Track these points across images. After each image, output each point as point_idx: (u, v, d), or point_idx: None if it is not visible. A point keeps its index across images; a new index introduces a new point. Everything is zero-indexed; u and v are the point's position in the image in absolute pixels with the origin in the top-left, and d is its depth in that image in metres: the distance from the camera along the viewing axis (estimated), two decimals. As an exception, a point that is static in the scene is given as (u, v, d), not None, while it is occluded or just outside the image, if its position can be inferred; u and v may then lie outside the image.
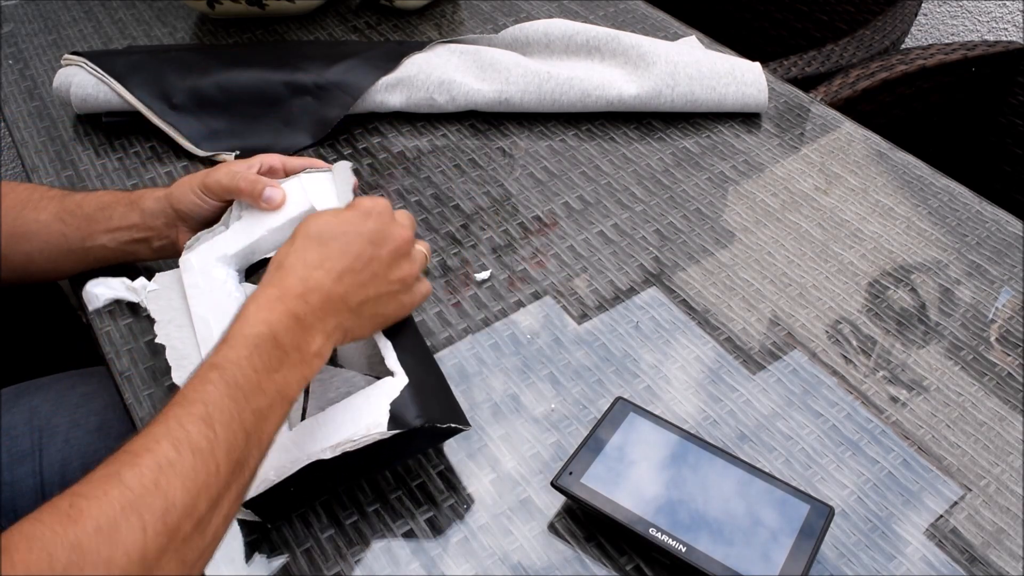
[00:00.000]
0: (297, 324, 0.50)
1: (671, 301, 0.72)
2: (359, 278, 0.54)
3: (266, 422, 0.48)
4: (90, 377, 0.84)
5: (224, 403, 0.46)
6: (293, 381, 0.50)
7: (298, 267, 0.52)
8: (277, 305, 0.50)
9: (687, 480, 0.56)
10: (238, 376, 0.47)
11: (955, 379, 0.66)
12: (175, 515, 0.41)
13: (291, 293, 0.51)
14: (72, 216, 0.68)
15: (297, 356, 0.50)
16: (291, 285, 0.51)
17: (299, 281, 0.51)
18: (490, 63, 0.89)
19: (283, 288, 0.51)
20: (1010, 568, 0.55)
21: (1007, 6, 1.51)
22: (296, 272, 0.52)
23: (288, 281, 0.51)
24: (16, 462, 0.76)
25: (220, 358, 0.48)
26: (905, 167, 0.85)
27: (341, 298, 0.53)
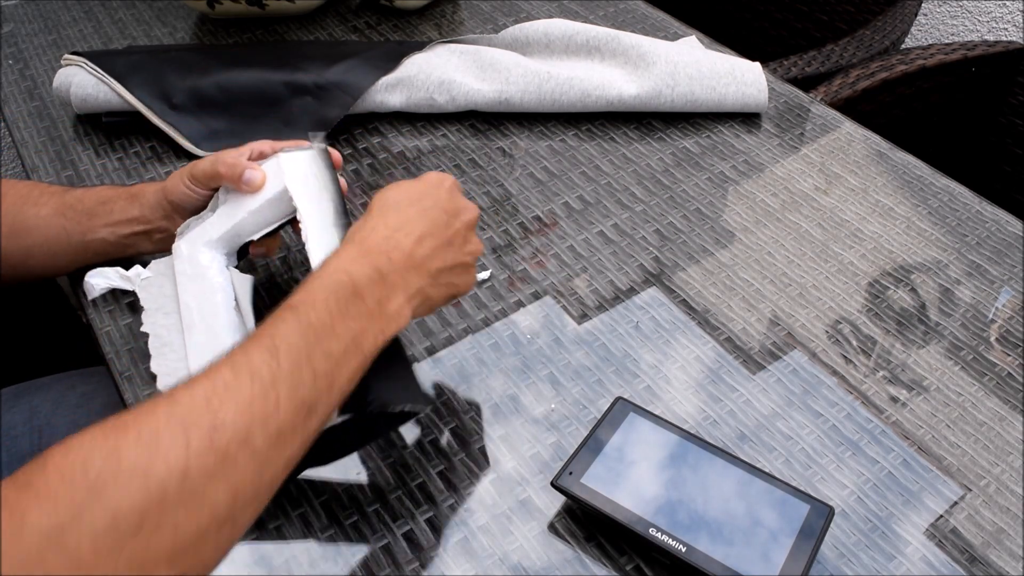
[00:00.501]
0: (380, 278, 0.50)
1: (671, 301, 0.72)
2: (438, 242, 0.54)
3: (338, 367, 0.46)
4: (90, 377, 0.84)
5: (294, 339, 0.44)
6: (370, 333, 0.48)
7: (380, 228, 0.52)
8: (360, 259, 0.50)
9: (687, 480, 0.56)
10: (311, 316, 0.46)
11: (955, 379, 0.66)
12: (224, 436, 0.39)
13: (375, 250, 0.51)
14: (72, 211, 0.68)
15: (376, 308, 0.49)
16: (374, 243, 0.51)
17: (382, 240, 0.52)
18: (490, 63, 0.89)
19: (366, 246, 0.51)
20: (1010, 568, 0.55)
21: (1007, 6, 1.51)
22: (378, 232, 0.52)
23: (371, 240, 0.51)
24: (16, 462, 0.76)
25: (296, 300, 0.47)
26: (905, 167, 0.85)
27: (422, 261, 0.53)
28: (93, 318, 0.70)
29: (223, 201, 0.65)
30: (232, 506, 0.39)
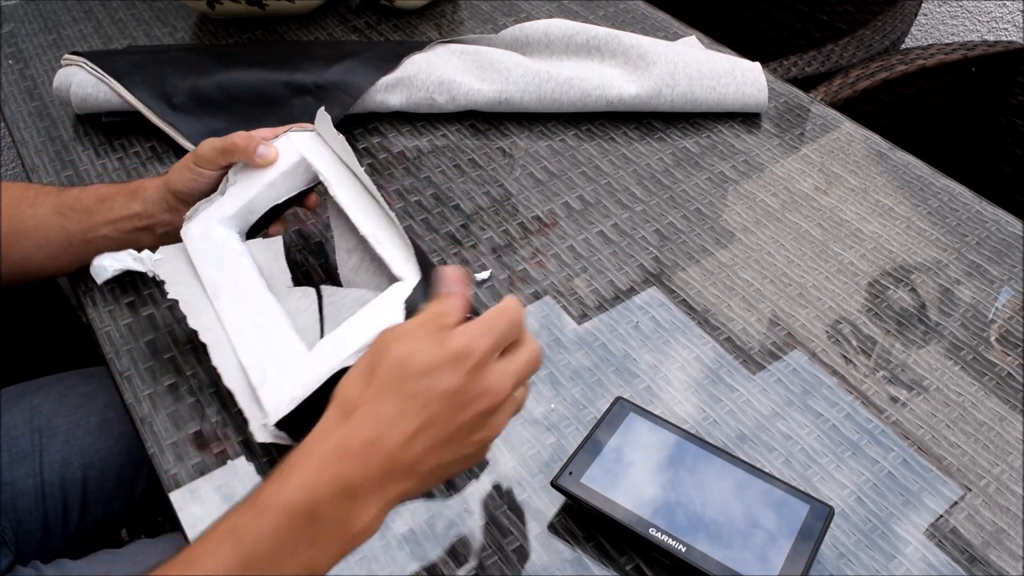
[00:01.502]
0: (346, 495, 0.42)
1: (671, 301, 0.72)
2: (436, 440, 0.44)
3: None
4: (90, 377, 0.84)
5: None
6: (325, 559, 0.43)
7: (366, 423, 0.43)
8: (327, 466, 0.42)
9: (687, 480, 0.56)
10: (252, 552, 0.41)
11: (955, 379, 0.66)
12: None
13: (349, 454, 0.42)
14: (71, 210, 0.68)
15: (336, 533, 0.42)
16: (352, 444, 0.43)
17: (363, 443, 0.43)
18: (490, 63, 0.89)
19: (342, 445, 0.43)
20: (1010, 568, 0.55)
21: (1007, 6, 1.51)
22: (363, 430, 0.43)
23: (351, 438, 0.43)
24: (16, 462, 0.76)
25: (241, 524, 0.42)
26: (905, 167, 0.85)
27: (409, 465, 0.44)
28: (93, 318, 0.70)
29: (233, 182, 0.66)
30: None
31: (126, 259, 0.67)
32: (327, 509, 0.42)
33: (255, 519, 0.42)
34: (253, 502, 0.42)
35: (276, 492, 0.42)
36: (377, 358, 0.45)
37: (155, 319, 0.70)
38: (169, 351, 0.67)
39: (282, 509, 0.41)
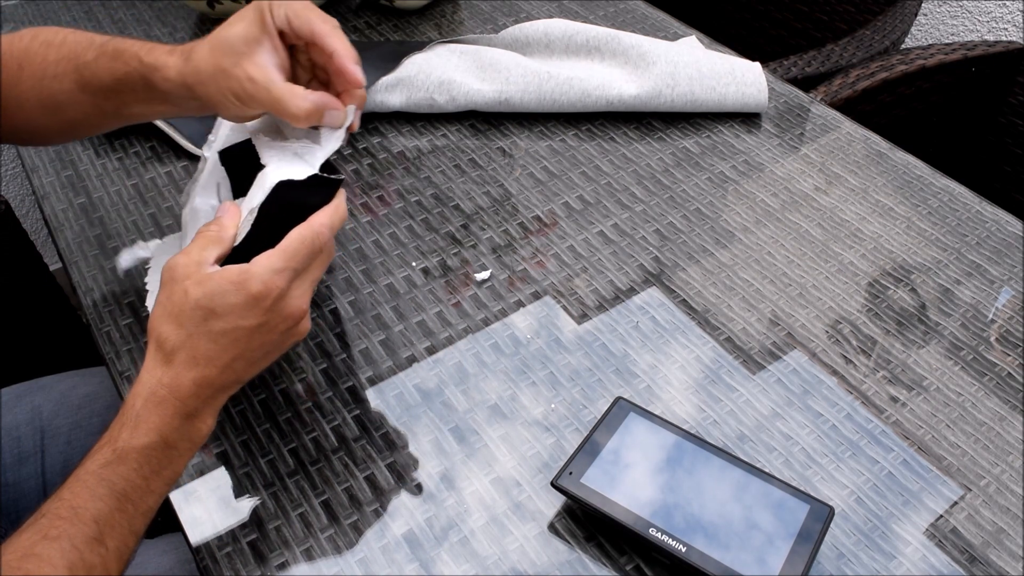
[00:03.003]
0: (188, 421, 0.51)
1: (671, 301, 0.72)
2: (251, 359, 0.53)
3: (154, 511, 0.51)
4: (91, 378, 0.84)
5: (114, 517, 0.48)
6: (182, 466, 0.52)
7: (188, 364, 0.50)
8: (167, 406, 0.50)
9: (687, 480, 0.56)
10: (127, 489, 0.48)
11: (955, 379, 0.66)
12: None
13: (182, 392, 0.50)
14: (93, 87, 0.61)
15: (187, 445, 0.51)
16: (181, 384, 0.50)
17: (191, 381, 0.50)
18: (490, 63, 0.89)
19: (173, 387, 0.50)
20: (1010, 568, 0.55)
21: (1007, 6, 1.51)
22: (187, 370, 0.50)
23: (179, 380, 0.50)
24: (19, 463, 0.76)
25: (110, 472, 0.48)
26: (905, 167, 0.85)
27: (233, 381, 0.53)
28: (93, 318, 0.70)
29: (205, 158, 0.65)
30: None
31: (137, 251, 0.69)
32: (175, 436, 0.50)
33: (119, 465, 0.49)
34: (113, 451, 0.49)
35: (130, 439, 0.49)
36: (180, 299, 0.50)
37: (155, 319, 0.70)
38: (169, 351, 0.67)
39: (140, 452, 0.49)
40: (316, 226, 0.53)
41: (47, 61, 0.61)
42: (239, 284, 0.50)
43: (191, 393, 0.50)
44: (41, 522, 0.47)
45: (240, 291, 0.50)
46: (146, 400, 0.50)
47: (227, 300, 0.50)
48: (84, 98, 0.61)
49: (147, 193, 0.82)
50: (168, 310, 0.51)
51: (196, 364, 0.50)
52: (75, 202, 0.81)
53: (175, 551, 0.69)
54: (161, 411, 0.50)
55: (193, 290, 0.50)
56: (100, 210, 0.80)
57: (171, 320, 0.51)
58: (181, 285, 0.50)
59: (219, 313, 0.50)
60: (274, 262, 0.51)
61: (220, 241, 0.53)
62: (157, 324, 0.51)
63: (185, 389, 0.50)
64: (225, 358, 0.51)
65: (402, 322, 0.70)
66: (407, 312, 0.71)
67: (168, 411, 0.50)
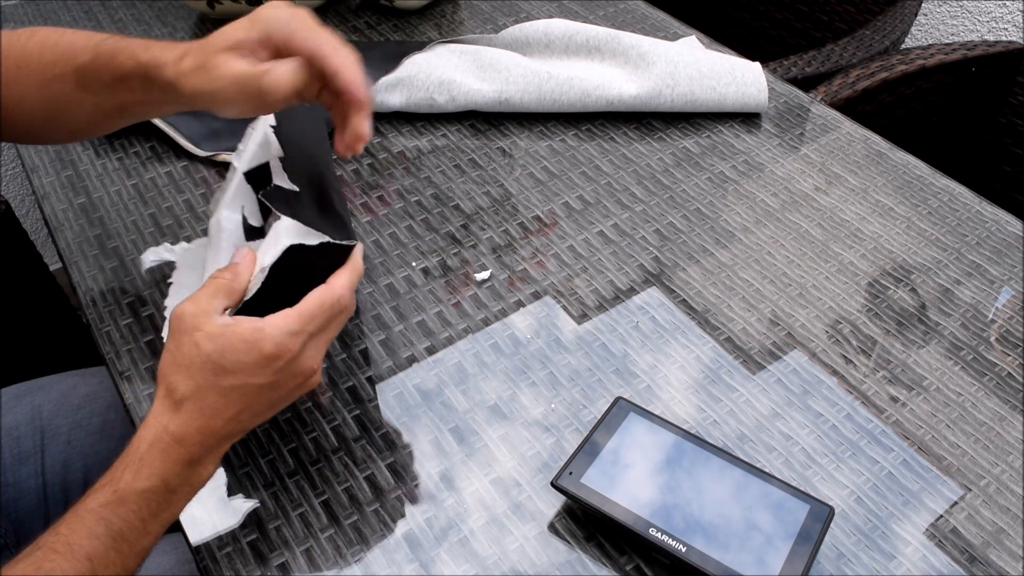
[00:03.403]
0: (190, 467, 0.51)
1: (671, 301, 0.72)
2: (257, 412, 0.53)
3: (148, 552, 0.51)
4: (92, 377, 0.84)
5: (109, 556, 0.48)
6: (180, 509, 0.52)
7: (195, 415, 0.50)
8: (171, 453, 0.50)
9: (686, 480, 0.56)
10: (124, 529, 0.49)
11: (955, 379, 0.66)
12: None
13: (187, 441, 0.50)
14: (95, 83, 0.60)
15: (187, 490, 0.52)
16: (187, 433, 0.50)
17: (196, 431, 0.51)
18: (490, 63, 0.89)
19: (178, 436, 0.50)
20: (1010, 568, 0.55)
21: (1007, 6, 1.51)
22: (193, 421, 0.50)
23: (184, 429, 0.50)
24: (19, 463, 0.76)
25: (109, 512, 0.49)
26: (905, 167, 0.85)
27: (238, 431, 0.53)
28: (93, 318, 0.70)
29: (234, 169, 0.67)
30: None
31: (163, 253, 0.70)
32: (177, 482, 0.50)
33: (119, 506, 0.49)
34: (114, 492, 0.49)
35: (132, 482, 0.49)
36: (191, 351, 0.50)
37: (155, 319, 0.70)
38: (169, 351, 0.67)
39: (141, 495, 0.49)
40: (337, 289, 0.53)
41: (44, 61, 0.61)
42: (251, 344, 0.50)
43: (196, 442, 0.51)
44: (36, 555, 0.47)
45: (252, 351, 0.50)
46: (151, 445, 0.50)
47: (238, 358, 0.50)
48: (84, 97, 0.61)
49: (147, 193, 0.82)
50: (178, 360, 0.51)
51: (203, 415, 0.50)
52: (75, 202, 0.81)
53: (175, 551, 0.69)
54: (165, 457, 0.50)
55: (204, 344, 0.50)
56: (100, 210, 0.80)
57: (181, 370, 0.50)
58: (191, 336, 0.50)
59: (229, 370, 0.50)
60: (290, 324, 0.51)
61: (231, 292, 0.53)
62: (167, 372, 0.51)
63: (191, 438, 0.50)
64: (232, 411, 0.51)
65: (402, 322, 0.70)
66: (407, 312, 0.71)
67: (171, 457, 0.50)
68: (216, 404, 0.50)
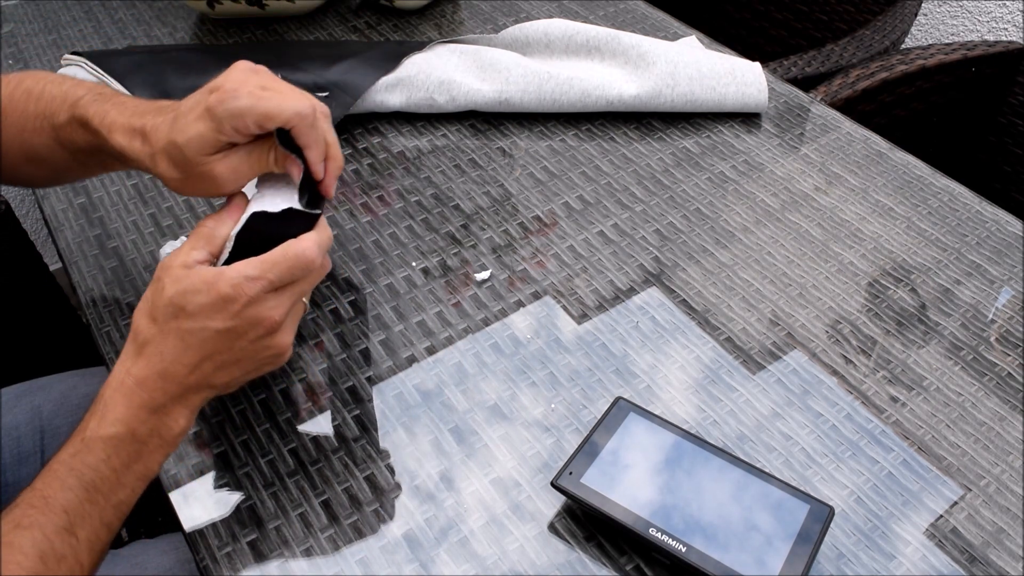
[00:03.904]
0: (155, 415, 0.51)
1: (671, 301, 0.72)
2: (220, 364, 0.52)
3: (127, 506, 0.51)
4: (92, 378, 0.84)
5: (84, 508, 0.48)
6: (155, 463, 0.52)
7: (155, 359, 0.51)
8: (133, 397, 0.50)
9: (687, 480, 0.56)
10: (96, 480, 0.49)
11: (955, 379, 0.66)
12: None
13: (148, 385, 0.50)
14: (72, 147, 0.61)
15: (158, 441, 0.51)
16: (148, 377, 0.51)
17: (156, 375, 0.51)
18: (490, 63, 0.89)
19: (139, 379, 0.50)
20: (1010, 568, 0.55)
21: (1007, 6, 1.51)
22: (153, 364, 0.51)
23: (145, 372, 0.51)
24: (19, 463, 0.76)
25: (79, 462, 0.49)
26: (905, 167, 0.85)
27: (202, 383, 0.52)
28: (93, 318, 0.70)
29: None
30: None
31: None
32: (142, 428, 0.50)
33: (87, 455, 0.49)
34: (82, 440, 0.50)
35: (97, 428, 0.50)
36: (157, 295, 0.51)
37: (155, 319, 0.70)
38: (169, 351, 0.67)
39: (107, 441, 0.49)
40: (303, 242, 0.52)
41: (27, 114, 0.61)
42: (210, 284, 0.50)
43: (157, 387, 0.51)
44: (15, 512, 0.47)
45: (211, 291, 0.50)
46: (114, 390, 0.51)
47: (197, 299, 0.50)
48: (63, 153, 0.62)
49: (147, 193, 0.82)
50: (145, 304, 0.52)
51: (163, 359, 0.51)
52: (75, 202, 0.81)
53: (175, 551, 0.69)
54: (127, 401, 0.50)
55: (169, 287, 0.50)
56: (100, 210, 0.80)
57: (147, 314, 0.51)
58: (160, 281, 0.51)
59: (188, 311, 0.50)
60: (248, 268, 0.51)
61: (211, 239, 0.53)
62: (136, 316, 0.52)
63: (151, 382, 0.51)
64: (191, 357, 0.51)
65: (402, 322, 0.70)
66: (407, 312, 0.71)
67: (134, 402, 0.50)
68: (176, 348, 0.50)
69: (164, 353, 0.51)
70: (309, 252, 0.52)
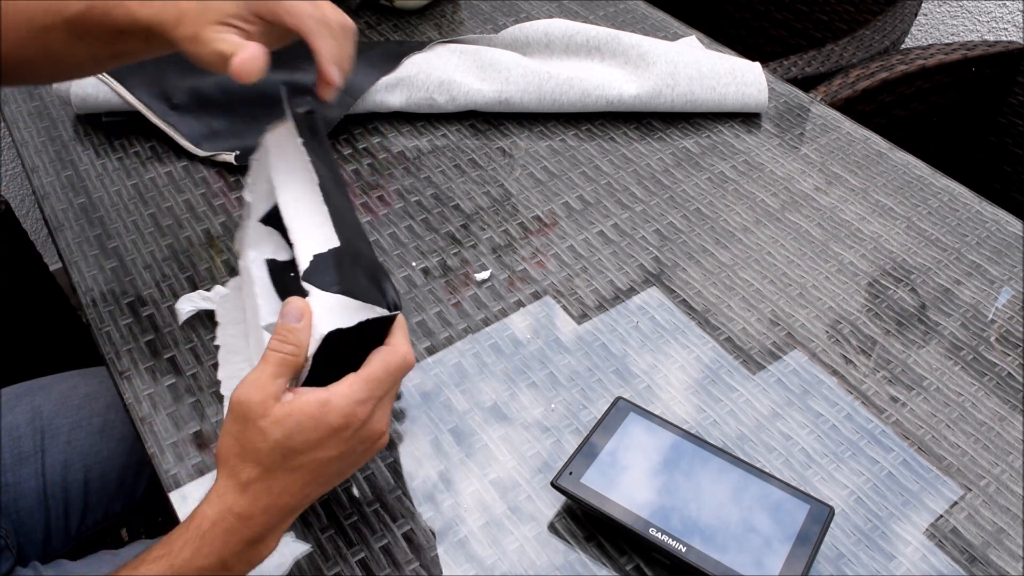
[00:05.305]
0: (252, 546, 0.49)
1: (671, 301, 0.72)
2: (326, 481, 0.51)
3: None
4: (92, 378, 0.84)
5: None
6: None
7: (262, 496, 0.48)
8: (235, 534, 0.48)
9: (687, 480, 0.56)
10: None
11: (955, 379, 0.66)
12: None
13: (252, 521, 0.48)
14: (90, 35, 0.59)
15: (243, 568, 0.50)
16: (253, 513, 0.48)
17: (262, 510, 0.48)
18: (490, 63, 0.89)
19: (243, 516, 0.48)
20: (1010, 568, 0.55)
21: (1007, 6, 1.51)
22: (260, 501, 0.48)
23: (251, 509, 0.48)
24: (19, 463, 0.76)
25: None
26: (905, 167, 0.85)
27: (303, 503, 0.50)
28: (93, 318, 0.70)
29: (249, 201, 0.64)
30: None
31: (198, 300, 0.69)
32: (234, 560, 0.49)
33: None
34: (170, 567, 0.48)
35: (191, 560, 0.48)
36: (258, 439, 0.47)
37: (155, 319, 0.70)
38: (169, 351, 0.67)
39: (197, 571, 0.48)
40: (401, 348, 0.51)
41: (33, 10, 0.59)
42: (319, 419, 0.47)
43: (261, 522, 0.48)
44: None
45: (320, 426, 0.47)
46: (214, 523, 0.48)
47: (306, 437, 0.47)
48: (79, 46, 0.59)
49: (147, 193, 0.82)
50: (245, 447, 0.48)
51: (271, 494, 0.48)
52: (75, 202, 0.81)
53: None
54: (227, 537, 0.48)
55: (272, 431, 0.47)
56: (100, 210, 0.80)
57: (248, 457, 0.48)
58: (256, 424, 0.48)
59: (299, 450, 0.48)
60: (356, 392, 0.48)
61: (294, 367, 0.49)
62: (231, 457, 0.48)
63: (256, 518, 0.48)
64: (300, 486, 0.49)
65: (402, 322, 0.70)
66: (407, 312, 0.71)
67: (234, 539, 0.48)
68: (285, 482, 0.48)
69: (272, 488, 0.48)
70: (409, 358, 0.51)
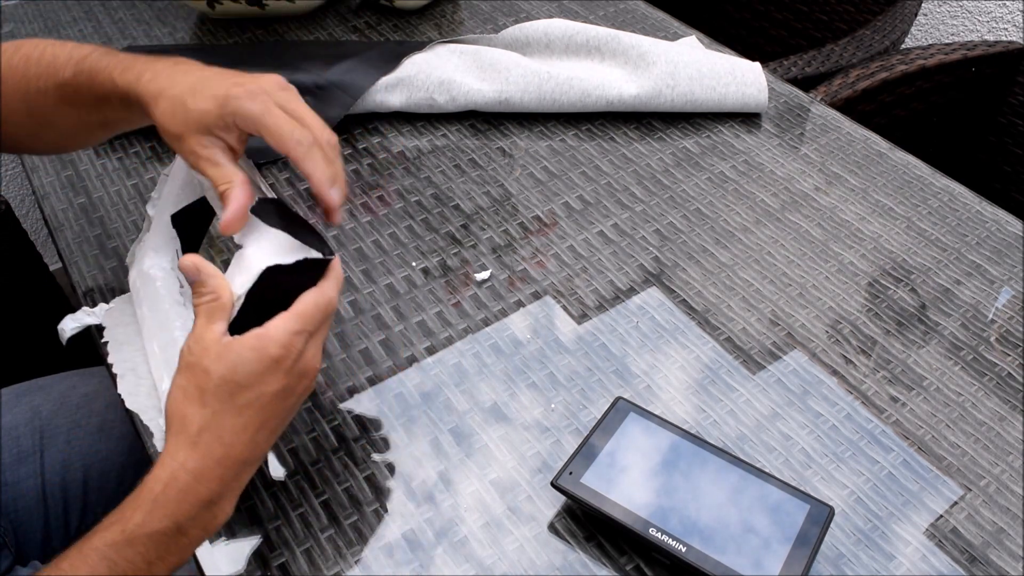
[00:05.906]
0: (207, 507, 0.48)
1: (671, 301, 0.72)
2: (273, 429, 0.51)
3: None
4: (91, 378, 0.84)
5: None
6: (188, 553, 0.50)
7: (214, 445, 0.48)
8: (190, 494, 0.48)
9: (687, 480, 0.56)
10: (128, 570, 0.47)
11: (955, 379, 0.66)
12: None
13: (206, 476, 0.48)
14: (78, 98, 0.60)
15: (200, 533, 0.49)
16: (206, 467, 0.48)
17: (215, 463, 0.48)
18: (490, 63, 0.89)
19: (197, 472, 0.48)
20: (1010, 568, 0.55)
21: (1007, 6, 1.51)
22: (213, 452, 0.48)
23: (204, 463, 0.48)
24: (18, 463, 0.76)
25: (115, 553, 0.47)
26: (905, 167, 0.85)
27: (254, 456, 0.50)
28: (93, 318, 0.70)
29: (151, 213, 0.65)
30: None
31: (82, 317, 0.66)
32: (191, 524, 0.48)
33: (125, 548, 0.47)
34: (122, 532, 0.47)
35: (143, 524, 0.47)
36: (202, 379, 0.48)
37: (155, 319, 0.70)
38: (169, 351, 0.67)
39: (150, 537, 0.47)
40: (328, 291, 0.52)
41: (29, 76, 0.60)
42: (258, 349, 0.48)
43: (215, 476, 0.48)
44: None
45: (261, 357, 0.48)
46: (166, 485, 0.48)
47: (249, 368, 0.48)
48: (67, 111, 0.61)
49: (147, 193, 0.81)
50: (189, 392, 0.49)
51: (222, 443, 0.48)
52: (75, 202, 0.81)
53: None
54: (182, 497, 0.48)
55: (214, 366, 0.48)
56: (100, 210, 0.80)
57: (194, 401, 0.48)
58: (200, 364, 0.48)
59: (243, 384, 0.48)
60: (290, 324, 0.50)
61: (223, 309, 0.50)
62: (178, 407, 0.49)
63: (210, 472, 0.48)
64: (251, 431, 0.49)
65: (402, 322, 0.70)
66: (407, 312, 0.71)
67: (188, 498, 0.48)
68: (234, 427, 0.48)
69: (223, 436, 0.48)
70: (334, 301, 0.52)
